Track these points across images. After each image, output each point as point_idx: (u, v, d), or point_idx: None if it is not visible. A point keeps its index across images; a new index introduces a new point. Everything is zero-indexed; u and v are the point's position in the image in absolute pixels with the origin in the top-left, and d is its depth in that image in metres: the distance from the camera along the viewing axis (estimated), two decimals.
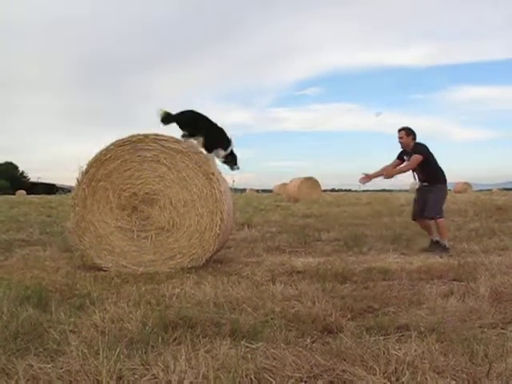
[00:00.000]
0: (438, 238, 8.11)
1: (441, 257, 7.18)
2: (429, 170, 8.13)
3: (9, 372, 2.88)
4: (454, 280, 5.46)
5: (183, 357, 2.92)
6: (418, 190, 8.35)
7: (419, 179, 8.31)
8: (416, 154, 8.03)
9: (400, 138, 8.31)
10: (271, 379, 2.71)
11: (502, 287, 4.77)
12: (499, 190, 66.85)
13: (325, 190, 45.08)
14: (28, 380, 2.73)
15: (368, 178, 8.46)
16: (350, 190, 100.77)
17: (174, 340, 3.42)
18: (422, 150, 8.15)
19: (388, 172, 8.42)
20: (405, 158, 8.36)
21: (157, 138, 6.59)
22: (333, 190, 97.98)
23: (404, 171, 8.41)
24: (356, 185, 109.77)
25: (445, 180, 8.39)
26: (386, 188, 53.66)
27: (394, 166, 8.50)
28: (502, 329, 3.69)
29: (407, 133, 8.28)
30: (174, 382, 2.62)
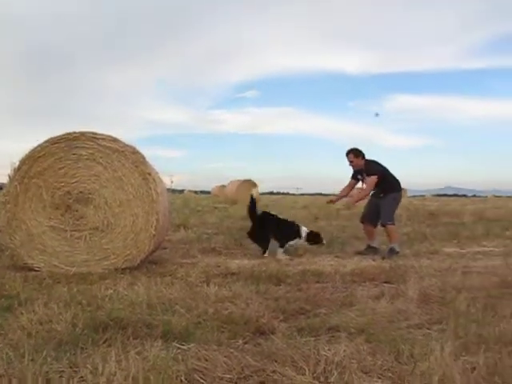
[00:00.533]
0: (375, 245, 8.34)
1: (373, 260, 7.35)
2: (384, 184, 8.28)
3: None
4: (385, 282, 5.61)
5: (113, 358, 2.88)
6: (371, 195, 8.52)
7: (374, 192, 8.46)
8: (371, 176, 8.18)
9: (350, 161, 8.45)
10: (202, 380, 2.72)
11: (430, 289, 4.94)
12: (432, 196, 68.95)
13: (263, 193, 45.28)
14: None
15: (333, 202, 9.06)
16: (287, 194, 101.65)
17: (105, 342, 3.37)
18: (376, 168, 8.32)
19: (351, 201, 8.81)
20: (358, 177, 8.54)
21: (94, 137, 6.47)
22: (271, 193, 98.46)
23: (365, 196, 8.60)
24: (293, 188, 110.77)
25: (399, 189, 8.60)
26: (323, 192, 54.39)
27: (351, 186, 8.74)
28: (428, 329, 3.83)
29: (355, 154, 8.41)
30: None
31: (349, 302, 4.67)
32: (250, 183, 32.49)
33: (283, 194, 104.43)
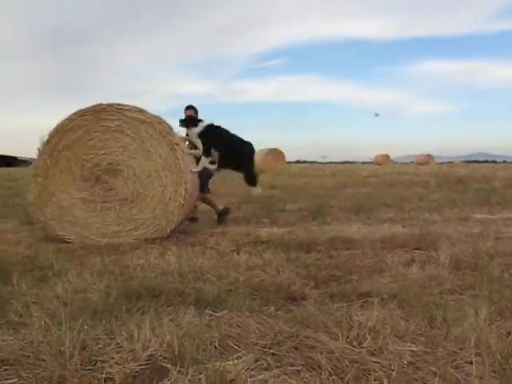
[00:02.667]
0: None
1: (403, 226, 7.29)
2: None
3: None
4: (416, 249, 5.54)
5: (147, 325, 2.91)
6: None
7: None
8: None
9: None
10: (236, 346, 2.73)
11: (462, 255, 4.90)
12: (461, 162, 68.13)
13: (289, 162, 45.18)
14: None
15: None
16: (315, 162, 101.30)
17: (138, 310, 3.41)
18: None
19: None
20: None
21: (120, 108, 6.50)
22: (297, 162, 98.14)
23: None
24: (320, 156, 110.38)
25: None
26: (349, 160, 54.19)
27: None
28: (460, 294, 3.79)
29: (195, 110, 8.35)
30: (139, 351, 2.61)
31: (379, 268, 4.65)
32: (277, 152, 32.40)
33: (310, 162, 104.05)
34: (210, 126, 7.66)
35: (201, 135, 7.49)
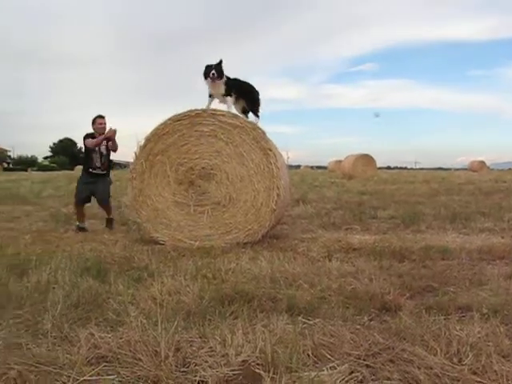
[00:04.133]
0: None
1: (502, 237, 6.97)
2: None
3: (71, 339, 2.96)
4: None
5: (240, 331, 2.92)
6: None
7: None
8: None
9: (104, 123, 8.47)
10: (329, 356, 2.68)
11: None
12: None
13: (380, 168, 44.45)
14: (89, 348, 2.78)
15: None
16: (405, 168, 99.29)
17: (231, 314, 3.42)
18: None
19: None
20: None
21: (214, 113, 6.59)
22: (388, 168, 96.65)
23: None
24: (411, 162, 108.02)
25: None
26: (443, 166, 52.70)
27: None
28: None
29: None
30: (232, 356, 2.62)
31: (478, 280, 4.45)
32: (367, 158, 31.93)
33: (400, 168, 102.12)
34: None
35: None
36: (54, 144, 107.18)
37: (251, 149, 6.50)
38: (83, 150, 8.63)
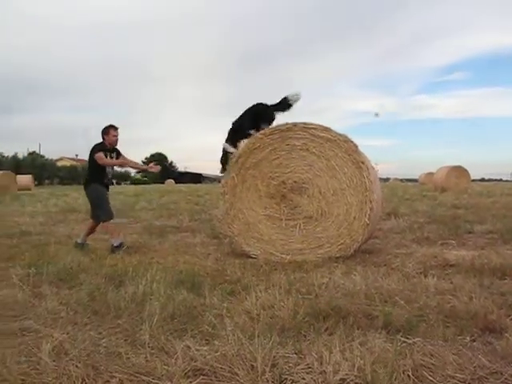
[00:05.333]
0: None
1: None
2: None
3: (168, 351, 3.00)
4: None
5: (337, 348, 2.85)
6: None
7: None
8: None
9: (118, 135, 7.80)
10: (431, 378, 2.57)
11: None
12: None
13: (473, 180, 42.95)
14: (186, 360, 2.80)
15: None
16: (500, 180, 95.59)
17: (326, 330, 3.37)
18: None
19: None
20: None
21: (306, 127, 6.56)
22: (482, 180, 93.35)
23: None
24: (507, 174, 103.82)
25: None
26: None
27: None
28: None
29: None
30: (329, 373, 2.56)
31: None
32: (460, 170, 30.91)
33: (495, 180, 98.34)
34: None
35: None
36: (146, 158, 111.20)
37: (343, 162, 6.42)
38: (89, 161, 7.84)
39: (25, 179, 42.24)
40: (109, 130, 7.70)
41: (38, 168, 65.54)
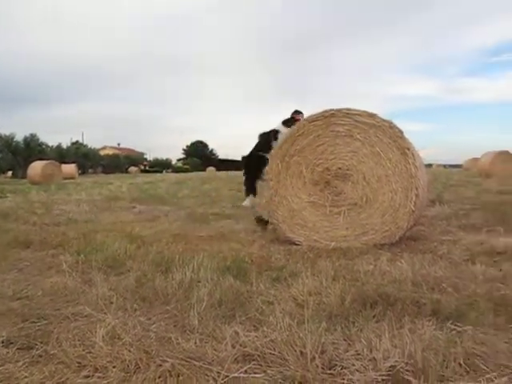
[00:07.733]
0: None
1: None
2: None
3: (217, 336, 3.04)
4: None
5: (386, 334, 2.85)
6: None
7: None
8: None
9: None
10: (483, 366, 2.55)
11: None
12: None
13: None
14: (235, 346, 2.83)
15: None
16: None
17: (374, 317, 3.36)
18: None
19: None
20: None
21: (349, 113, 6.50)
22: None
23: None
24: None
25: None
26: None
27: None
28: None
29: None
30: (379, 360, 2.56)
31: None
32: (507, 155, 30.22)
33: None
34: None
35: None
36: (187, 146, 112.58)
37: (388, 148, 6.35)
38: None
39: (69, 168, 43.15)
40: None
41: (82, 157, 66.76)
